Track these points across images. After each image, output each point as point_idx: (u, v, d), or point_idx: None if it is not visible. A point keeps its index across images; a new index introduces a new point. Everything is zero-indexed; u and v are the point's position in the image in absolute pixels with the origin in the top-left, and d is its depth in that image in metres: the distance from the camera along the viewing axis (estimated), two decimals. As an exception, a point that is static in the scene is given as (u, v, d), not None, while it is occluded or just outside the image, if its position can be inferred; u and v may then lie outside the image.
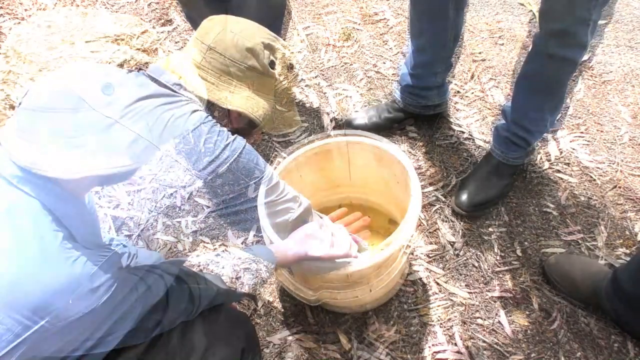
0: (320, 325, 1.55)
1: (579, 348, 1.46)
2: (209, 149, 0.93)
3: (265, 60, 1.07)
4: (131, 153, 0.82)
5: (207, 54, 1.06)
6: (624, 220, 1.72)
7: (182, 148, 0.91)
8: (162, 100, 0.94)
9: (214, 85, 1.06)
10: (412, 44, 1.83)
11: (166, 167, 0.89)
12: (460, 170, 1.90)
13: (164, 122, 0.91)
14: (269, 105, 1.12)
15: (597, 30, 1.43)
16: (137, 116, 0.86)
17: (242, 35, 1.06)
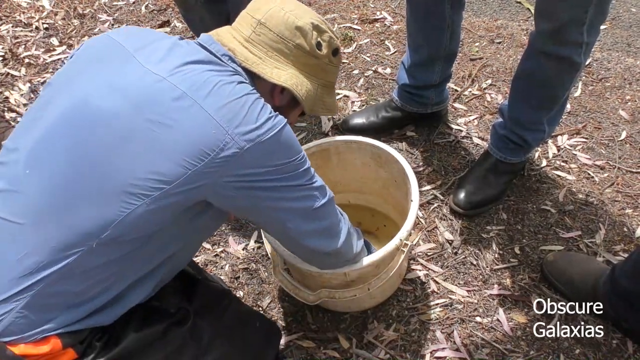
0: (319, 325, 1.55)
1: (578, 346, 1.46)
2: (252, 118, 0.91)
3: (312, 40, 1.07)
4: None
5: (257, 28, 1.06)
6: (622, 217, 1.73)
7: (225, 112, 0.89)
8: (211, 67, 0.95)
9: (261, 59, 1.05)
10: (409, 43, 1.83)
11: (207, 128, 0.88)
12: (459, 169, 1.90)
13: (211, 86, 0.91)
14: (312, 86, 1.11)
15: (595, 29, 1.42)
16: (186, 77, 0.90)
17: (293, 13, 1.06)
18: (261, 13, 1.06)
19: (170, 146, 0.86)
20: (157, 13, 2.71)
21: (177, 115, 0.87)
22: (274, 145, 0.92)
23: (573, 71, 1.49)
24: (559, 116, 1.69)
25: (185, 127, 0.87)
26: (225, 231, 1.79)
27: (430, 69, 1.83)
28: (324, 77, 1.13)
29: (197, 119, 0.87)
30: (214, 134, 0.87)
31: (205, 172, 0.88)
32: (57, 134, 0.91)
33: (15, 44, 2.51)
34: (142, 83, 0.90)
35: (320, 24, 1.09)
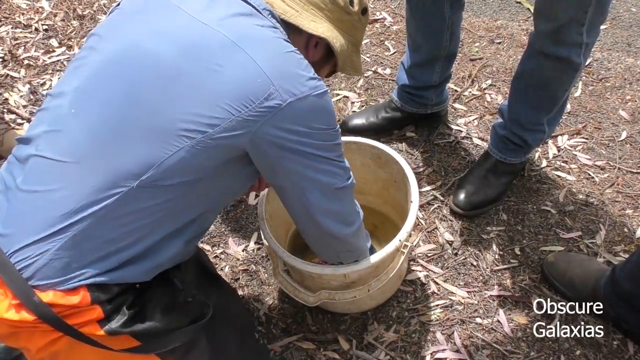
0: (319, 326, 1.55)
1: (579, 347, 1.45)
2: (297, 74, 0.92)
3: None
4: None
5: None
6: (622, 218, 1.72)
7: (272, 64, 0.90)
8: (255, 20, 0.95)
9: (298, 12, 1.05)
10: (409, 43, 1.83)
11: (253, 76, 0.89)
12: (459, 170, 1.90)
13: (257, 38, 0.92)
14: (344, 41, 1.12)
15: (595, 29, 1.41)
16: (232, 27, 0.91)
17: None
18: None
19: (216, 90, 0.88)
20: (156, 14, 2.71)
21: (224, 61, 0.88)
22: (315, 105, 0.94)
23: (573, 71, 1.49)
24: (559, 117, 1.69)
25: (232, 73, 0.88)
26: (225, 232, 1.79)
27: (430, 70, 1.83)
28: (354, 35, 1.14)
29: (244, 66, 0.88)
30: (260, 82, 0.88)
31: (247, 119, 0.89)
32: (103, 75, 0.92)
33: (15, 46, 2.51)
34: (190, 30, 0.91)
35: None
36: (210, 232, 1.78)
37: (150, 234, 0.94)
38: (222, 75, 0.88)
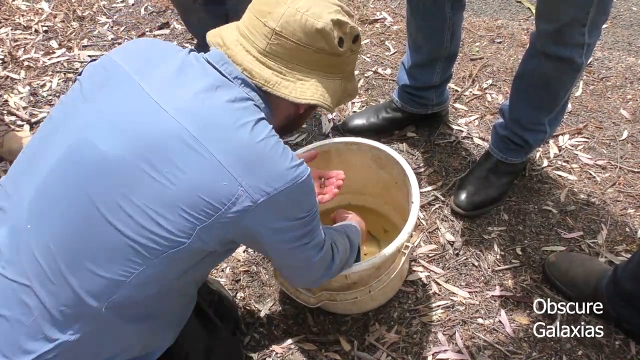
0: (320, 328, 1.55)
1: (581, 347, 1.45)
2: (270, 168, 0.84)
3: (335, 40, 0.95)
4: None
5: (273, 39, 0.93)
6: (624, 218, 1.72)
7: (239, 161, 0.82)
8: (224, 98, 0.87)
9: (281, 74, 0.95)
10: (409, 43, 1.83)
11: (218, 179, 0.81)
12: (459, 170, 1.89)
13: (224, 128, 0.84)
14: (335, 84, 1.02)
15: (596, 29, 1.41)
16: (196, 115, 0.84)
17: (311, 13, 0.92)
18: (274, 19, 0.92)
19: (177, 199, 0.81)
20: (156, 15, 2.70)
21: (185, 164, 0.81)
22: (292, 197, 0.87)
23: (574, 72, 1.48)
24: (560, 116, 1.68)
25: (194, 178, 0.81)
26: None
27: (430, 70, 1.82)
28: (346, 70, 1.04)
29: (207, 168, 0.81)
30: (225, 186, 0.81)
31: (214, 225, 0.83)
32: (58, 182, 0.87)
33: (15, 47, 2.51)
34: (147, 123, 0.84)
35: (342, 16, 0.97)
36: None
37: (138, 339, 0.93)
38: (183, 181, 0.81)
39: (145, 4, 2.76)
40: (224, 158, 0.82)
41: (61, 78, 2.36)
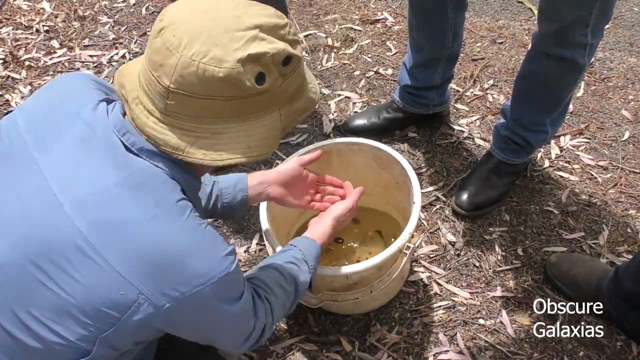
0: (321, 328, 1.54)
1: (582, 348, 1.45)
2: (177, 270, 0.75)
3: (251, 80, 0.76)
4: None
5: (170, 98, 0.76)
6: (625, 218, 1.72)
7: (140, 265, 0.74)
8: (128, 183, 0.76)
9: (192, 133, 0.78)
10: (411, 44, 1.82)
11: (114, 287, 0.74)
12: (461, 171, 1.89)
13: (123, 227, 0.74)
14: (272, 120, 0.83)
15: (599, 30, 1.41)
16: (91, 211, 0.75)
17: (210, 59, 0.73)
18: (167, 75, 0.75)
19: (74, 309, 0.75)
20: (157, 15, 2.70)
21: (79, 273, 0.74)
22: (205, 299, 0.78)
23: (576, 72, 1.48)
24: (562, 117, 1.68)
25: (90, 288, 0.74)
26: (227, 234, 1.78)
27: (432, 70, 1.82)
28: (283, 97, 0.84)
29: (103, 277, 0.73)
30: (123, 295, 0.73)
31: (117, 332, 0.77)
32: None
33: (16, 47, 2.51)
34: (40, 221, 0.76)
35: (257, 45, 0.75)
36: (212, 234, 1.78)
37: None
38: (79, 291, 0.74)
39: (147, 3, 2.76)
40: (121, 265, 0.73)
41: None
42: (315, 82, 0.93)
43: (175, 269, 0.75)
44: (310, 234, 1.20)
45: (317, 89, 0.92)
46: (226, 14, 0.76)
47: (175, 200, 0.79)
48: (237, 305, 0.85)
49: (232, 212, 1.28)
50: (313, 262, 1.13)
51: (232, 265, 0.80)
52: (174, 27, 0.75)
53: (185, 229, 0.77)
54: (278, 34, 0.79)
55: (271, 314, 1.00)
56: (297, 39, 0.83)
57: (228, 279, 0.79)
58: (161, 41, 0.75)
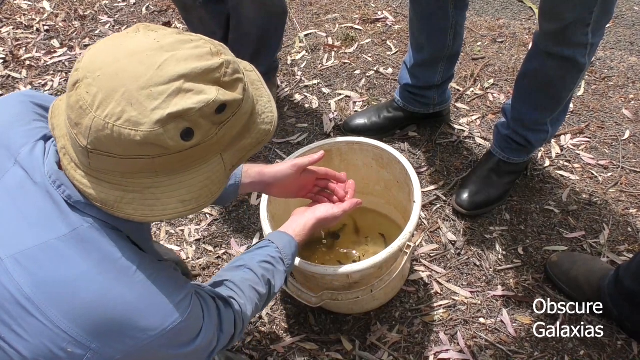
0: (322, 327, 1.54)
1: (583, 347, 1.45)
2: (125, 324, 0.73)
3: (173, 139, 0.69)
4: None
5: (91, 157, 0.71)
6: (626, 217, 1.71)
7: (83, 321, 0.71)
8: (69, 238, 0.74)
9: (121, 187, 0.74)
10: (412, 43, 1.82)
11: (59, 344, 0.71)
12: (461, 170, 1.89)
13: (64, 285, 0.72)
14: (213, 166, 0.78)
15: (600, 29, 1.41)
16: (30, 271, 0.72)
17: (125, 121, 0.67)
18: (84, 135, 0.69)
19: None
20: (157, 14, 2.70)
21: (22, 330, 0.71)
22: (157, 348, 0.76)
23: (577, 72, 1.48)
24: (563, 117, 1.68)
25: (35, 345, 0.71)
26: (227, 233, 1.78)
27: (432, 70, 1.82)
28: (222, 144, 0.77)
29: (47, 334, 0.71)
30: (70, 352, 0.71)
31: None
32: None
33: (16, 46, 2.51)
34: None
35: (177, 102, 0.68)
36: (213, 233, 1.78)
37: None
38: (24, 348, 0.72)
39: (147, 3, 2.76)
40: (66, 323, 0.71)
41: (62, 77, 2.36)
42: (272, 106, 0.85)
43: (122, 325, 0.73)
44: (290, 229, 1.18)
45: (272, 116, 0.84)
46: (149, 62, 0.68)
47: (121, 255, 0.75)
48: (194, 345, 0.83)
49: (219, 203, 1.28)
50: (290, 261, 1.12)
51: (184, 313, 0.78)
52: (88, 82, 0.68)
53: (132, 284, 0.75)
54: (210, 78, 0.71)
55: (242, 320, 0.99)
56: (236, 78, 0.75)
57: (180, 327, 0.77)
58: (75, 98, 0.69)
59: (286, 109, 2.17)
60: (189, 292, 0.81)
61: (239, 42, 1.93)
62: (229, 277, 1.04)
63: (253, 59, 1.97)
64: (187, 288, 0.81)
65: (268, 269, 1.08)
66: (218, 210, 1.84)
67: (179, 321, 0.76)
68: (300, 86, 2.27)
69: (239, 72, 0.76)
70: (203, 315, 0.86)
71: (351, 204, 1.24)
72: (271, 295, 1.09)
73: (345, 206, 1.24)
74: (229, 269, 1.08)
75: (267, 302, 1.10)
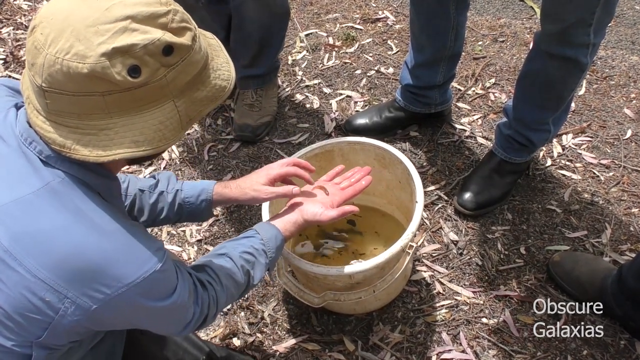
0: (324, 328, 1.54)
1: (585, 347, 1.44)
2: (99, 274, 0.77)
3: (120, 73, 0.72)
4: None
5: (47, 97, 0.75)
6: (628, 217, 1.71)
7: (61, 270, 0.75)
8: (42, 194, 0.78)
9: (78, 130, 0.76)
10: (412, 43, 1.82)
11: (37, 293, 0.76)
12: (463, 170, 1.89)
13: (41, 236, 0.76)
14: (167, 111, 0.79)
15: (601, 29, 1.40)
16: (8, 223, 0.76)
17: (73, 55, 0.71)
18: (39, 74, 0.74)
19: (1, 315, 0.78)
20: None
21: (0, 282, 0.76)
22: (131, 299, 0.80)
23: (579, 72, 1.48)
24: (565, 116, 1.68)
25: (13, 295, 0.76)
26: (229, 233, 1.78)
27: (434, 70, 1.82)
28: (173, 89, 0.79)
29: (24, 284, 0.75)
30: (48, 302, 0.76)
31: (51, 335, 0.80)
32: None
33: (16, 47, 2.51)
34: None
35: (126, 37, 0.72)
36: (214, 234, 1.78)
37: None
38: (2, 298, 0.77)
39: (147, 3, 2.76)
40: (44, 273, 0.75)
41: None
42: (230, 67, 0.89)
43: (97, 273, 0.76)
44: (281, 223, 1.18)
45: (229, 75, 0.88)
46: (97, 5, 0.73)
47: (94, 206, 0.79)
48: (169, 300, 0.86)
49: (196, 220, 1.30)
50: (273, 254, 1.13)
51: (158, 264, 0.81)
52: (43, 25, 0.73)
53: (106, 234, 0.78)
54: (156, 22, 0.75)
55: (215, 305, 1.01)
56: (184, 26, 0.78)
57: (154, 277, 0.80)
58: (32, 40, 0.75)
59: (287, 109, 2.17)
60: (162, 247, 0.85)
61: (240, 43, 1.93)
62: (208, 263, 1.06)
63: (255, 59, 1.97)
64: (159, 243, 0.85)
65: (249, 260, 1.09)
66: (220, 210, 1.84)
67: (152, 270, 0.79)
68: (301, 86, 2.27)
69: (189, 22, 0.80)
70: (177, 277, 0.89)
71: (340, 212, 1.20)
72: (249, 286, 1.11)
73: (333, 214, 1.19)
74: (211, 255, 1.10)
75: (244, 292, 1.12)
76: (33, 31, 0.75)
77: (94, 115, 0.75)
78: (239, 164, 1.98)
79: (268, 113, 2.06)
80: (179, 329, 0.97)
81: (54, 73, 0.72)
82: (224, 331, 1.53)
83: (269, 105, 2.07)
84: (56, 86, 0.73)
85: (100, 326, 0.85)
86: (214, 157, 2.02)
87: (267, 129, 2.07)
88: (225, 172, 1.96)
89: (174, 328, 0.97)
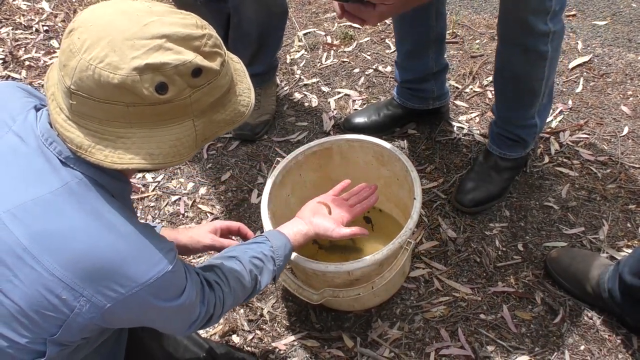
0: (323, 324, 1.55)
1: (583, 342, 1.45)
2: (114, 272, 0.79)
3: (148, 89, 0.75)
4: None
5: (73, 98, 0.77)
6: (625, 213, 1.72)
7: (78, 269, 0.77)
8: (60, 194, 0.79)
9: (97, 134, 0.79)
10: (396, 33, 1.82)
11: (54, 291, 0.77)
12: (461, 167, 1.90)
13: (58, 235, 0.77)
14: (185, 129, 0.82)
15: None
16: (26, 222, 0.77)
17: (106, 65, 0.74)
18: (69, 75, 0.76)
19: (17, 312, 0.79)
20: (156, 14, 2.71)
21: (17, 279, 0.77)
22: (144, 298, 0.82)
23: (542, 60, 1.49)
24: (548, 107, 1.69)
25: (29, 293, 0.77)
26: (228, 231, 1.79)
27: (423, 57, 1.80)
28: (195, 109, 0.82)
29: (42, 282, 0.76)
30: (64, 300, 0.77)
31: (66, 333, 0.82)
32: None
33: (16, 47, 2.51)
34: None
35: (159, 55, 0.75)
36: (213, 231, 1.78)
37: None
38: (18, 296, 0.78)
39: (146, 3, 2.76)
40: (60, 271, 0.76)
41: (62, 77, 2.36)
42: (251, 93, 0.93)
43: (113, 273, 0.78)
44: (291, 232, 1.22)
45: (249, 101, 0.91)
46: (137, 20, 0.76)
47: (109, 208, 0.81)
48: (178, 301, 0.88)
49: None
50: (281, 262, 1.16)
51: (169, 265, 0.83)
52: (81, 30, 0.76)
53: (121, 234, 0.80)
54: (190, 44, 0.78)
55: (221, 306, 1.03)
56: (216, 51, 0.82)
57: (166, 277, 0.83)
58: (68, 42, 0.77)
59: (285, 108, 2.17)
60: (173, 249, 0.87)
61: (239, 41, 1.93)
62: (218, 264, 1.08)
63: (253, 58, 1.98)
64: (170, 244, 0.88)
65: (257, 265, 1.11)
66: (219, 208, 1.85)
67: (164, 271, 0.82)
68: (299, 85, 2.27)
69: (220, 48, 0.84)
70: (186, 277, 0.91)
71: (352, 232, 1.25)
72: (255, 290, 1.13)
73: (346, 233, 1.25)
74: (221, 257, 1.12)
75: (250, 296, 1.14)
76: (70, 34, 0.77)
77: (115, 123, 0.78)
78: (237, 163, 1.99)
79: (267, 112, 2.07)
80: (184, 328, 0.98)
81: (84, 78, 0.75)
82: (224, 328, 1.54)
83: (268, 104, 2.08)
84: (84, 90, 0.76)
85: (111, 324, 0.87)
86: (213, 156, 2.03)
87: (266, 127, 2.07)
88: (224, 170, 1.97)
89: (180, 327, 0.98)
